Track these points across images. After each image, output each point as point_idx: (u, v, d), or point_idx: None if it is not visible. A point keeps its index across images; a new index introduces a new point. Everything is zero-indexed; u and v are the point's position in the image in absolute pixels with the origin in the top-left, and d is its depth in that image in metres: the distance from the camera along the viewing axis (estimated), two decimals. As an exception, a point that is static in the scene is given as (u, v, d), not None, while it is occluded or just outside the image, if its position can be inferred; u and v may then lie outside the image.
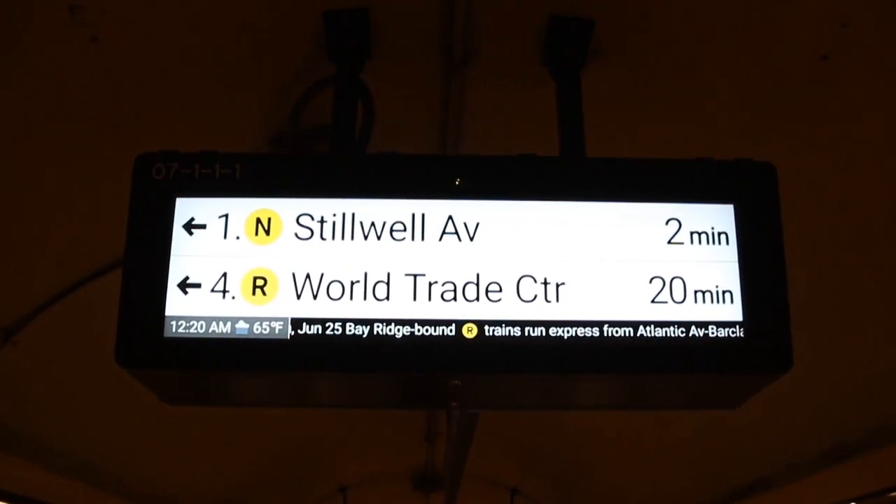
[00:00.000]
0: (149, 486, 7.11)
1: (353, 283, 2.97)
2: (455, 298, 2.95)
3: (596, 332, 2.93)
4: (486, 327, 2.93)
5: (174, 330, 2.91)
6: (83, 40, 3.43)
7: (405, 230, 3.02)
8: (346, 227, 3.02)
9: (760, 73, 3.74)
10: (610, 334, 2.93)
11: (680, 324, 2.95)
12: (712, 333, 2.95)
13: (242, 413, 6.74)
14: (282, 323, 2.93)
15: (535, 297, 2.97)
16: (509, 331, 2.93)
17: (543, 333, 2.93)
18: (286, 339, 2.91)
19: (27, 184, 4.01)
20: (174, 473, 7.38)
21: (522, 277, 2.99)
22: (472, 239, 3.03)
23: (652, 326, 2.95)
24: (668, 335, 2.94)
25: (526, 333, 2.93)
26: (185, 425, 6.48)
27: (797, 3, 3.44)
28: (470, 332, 2.92)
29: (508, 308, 2.96)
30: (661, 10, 3.61)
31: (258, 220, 3.03)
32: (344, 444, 9.78)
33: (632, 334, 2.94)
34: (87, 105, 3.76)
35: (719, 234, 3.06)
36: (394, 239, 3.02)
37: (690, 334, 2.95)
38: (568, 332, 2.93)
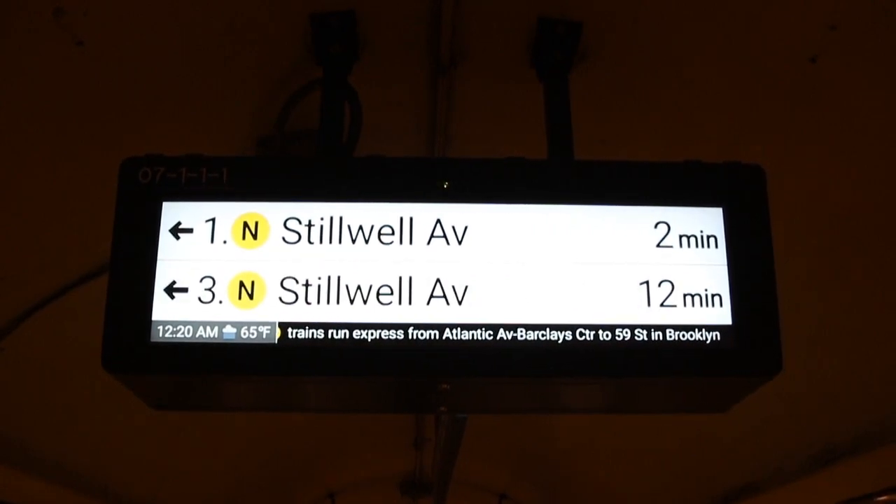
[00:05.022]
0: (136, 492, 7.08)
1: (340, 288, 2.96)
2: (446, 302, 2.94)
3: (585, 335, 2.93)
4: (476, 331, 2.92)
5: (161, 335, 2.89)
6: (68, 44, 3.41)
7: (393, 234, 3.02)
8: (334, 231, 3.01)
9: (749, 76, 3.74)
10: (599, 338, 2.93)
11: (669, 327, 2.95)
12: (702, 337, 2.95)
13: (230, 419, 6.72)
14: (269, 327, 2.91)
15: (525, 300, 2.96)
16: (498, 334, 2.92)
17: (533, 337, 2.92)
18: (274, 344, 2.90)
19: (12, 188, 3.99)
20: (162, 479, 7.35)
21: (511, 281, 2.98)
22: (460, 242, 3.02)
23: (641, 330, 2.94)
24: (658, 339, 2.94)
25: (515, 337, 2.92)
26: (173, 431, 6.46)
27: (785, 6, 3.44)
28: (459, 335, 2.91)
29: (497, 311, 2.95)
30: (649, 12, 3.61)
31: (245, 224, 3.02)
32: (332, 449, 9.75)
33: (621, 338, 2.93)
34: (73, 109, 3.74)
35: (708, 237, 3.05)
36: (382, 243, 3.01)
37: (679, 338, 2.94)
38: (557, 335, 2.92)
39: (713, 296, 3.00)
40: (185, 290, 2.95)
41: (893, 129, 3.66)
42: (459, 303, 2.94)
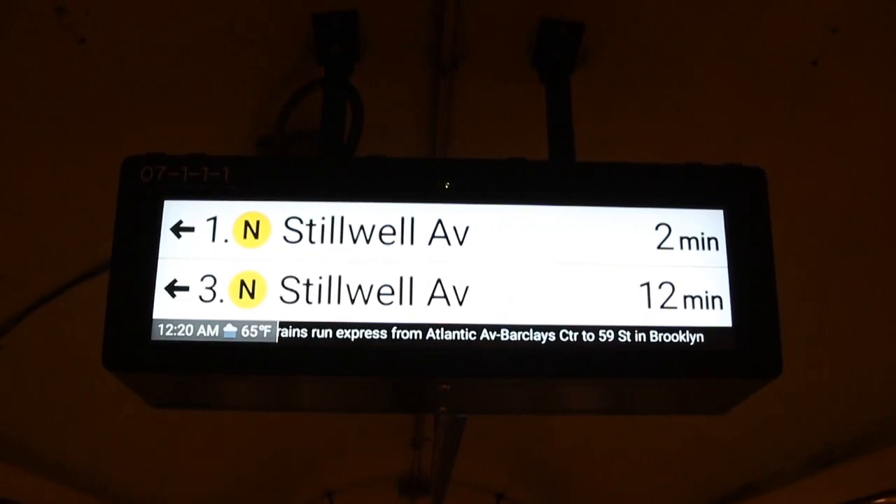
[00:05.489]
0: (135, 491, 7.07)
1: (341, 287, 2.96)
2: (447, 302, 2.94)
3: (585, 336, 2.93)
4: (476, 331, 2.92)
5: (161, 333, 2.90)
6: (70, 43, 3.41)
7: (394, 234, 3.02)
8: (335, 231, 3.01)
9: (751, 78, 3.74)
10: (599, 339, 2.93)
11: (669, 329, 2.95)
12: (702, 339, 2.95)
13: (229, 418, 6.72)
14: (270, 326, 2.92)
15: (525, 301, 2.96)
16: (500, 334, 2.92)
17: (534, 338, 2.92)
18: (274, 343, 2.90)
19: (12, 188, 3.98)
20: (161, 478, 7.35)
21: (512, 281, 2.98)
22: (461, 243, 3.02)
23: (641, 332, 2.95)
24: (658, 340, 2.94)
25: (516, 338, 2.92)
26: (173, 431, 6.46)
27: (787, 9, 3.45)
28: (459, 335, 2.91)
29: (498, 311, 2.95)
30: (651, 14, 3.61)
31: (246, 223, 3.02)
32: (330, 449, 9.75)
33: (621, 339, 2.94)
34: (74, 109, 3.73)
35: (709, 239, 3.06)
36: (383, 243, 3.01)
37: (679, 340, 2.94)
38: (557, 336, 2.92)
39: (713, 298, 3.00)
40: (185, 288, 2.95)
41: (893, 130, 3.67)
42: (460, 303, 2.95)
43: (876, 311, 4.39)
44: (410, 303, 2.94)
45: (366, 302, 2.94)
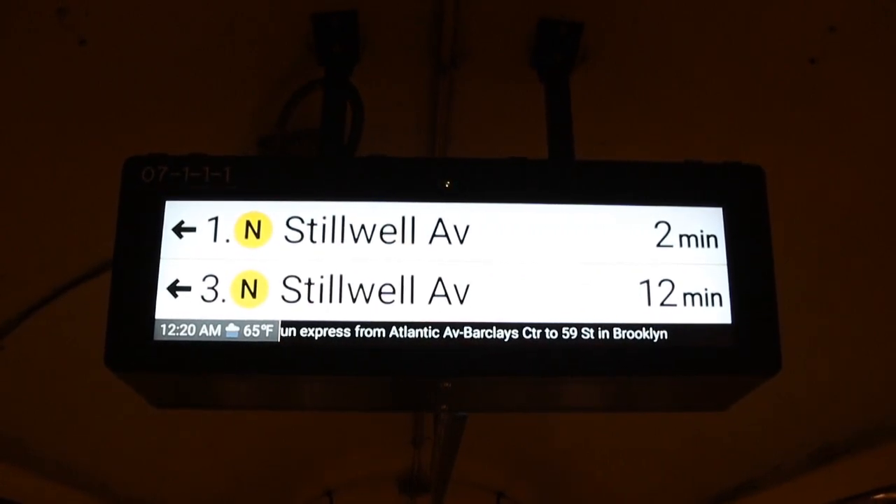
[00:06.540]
0: (135, 490, 7.08)
1: (343, 286, 2.96)
2: (448, 301, 2.95)
3: (586, 334, 2.94)
4: (478, 329, 2.93)
5: (164, 333, 2.90)
6: (70, 44, 3.41)
7: (395, 233, 3.02)
8: (336, 230, 3.02)
9: (749, 77, 3.75)
10: (600, 337, 2.94)
11: (669, 327, 2.96)
12: (701, 336, 2.96)
13: (229, 418, 6.72)
14: (272, 326, 2.92)
15: (525, 299, 2.97)
16: (500, 333, 2.93)
17: (535, 336, 2.93)
18: (276, 342, 2.91)
19: (12, 188, 3.99)
20: (160, 478, 7.36)
21: (512, 280, 2.99)
22: (461, 242, 3.03)
23: (641, 329, 2.95)
24: (658, 338, 2.95)
25: (517, 336, 2.93)
26: (172, 430, 6.46)
27: (786, 9, 3.45)
28: (461, 334, 2.92)
29: (498, 310, 2.96)
30: (650, 13, 3.61)
31: (248, 223, 3.02)
32: (330, 447, 9.75)
33: (621, 337, 2.94)
34: (74, 109, 3.74)
35: (708, 236, 3.07)
36: (384, 242, 3.02)
37: (679, 337, 2.95)
38: (558, 334, 2.93)
39: (713, 295, 3.01)
40: (188, 288, 2.96)
41: (893, 130, 3.68)
42: (461, 302, 2.95)
43: (876, 311, 4.40)
44: (412, 301, 2.95)
45: (367, 301, 2.95)
